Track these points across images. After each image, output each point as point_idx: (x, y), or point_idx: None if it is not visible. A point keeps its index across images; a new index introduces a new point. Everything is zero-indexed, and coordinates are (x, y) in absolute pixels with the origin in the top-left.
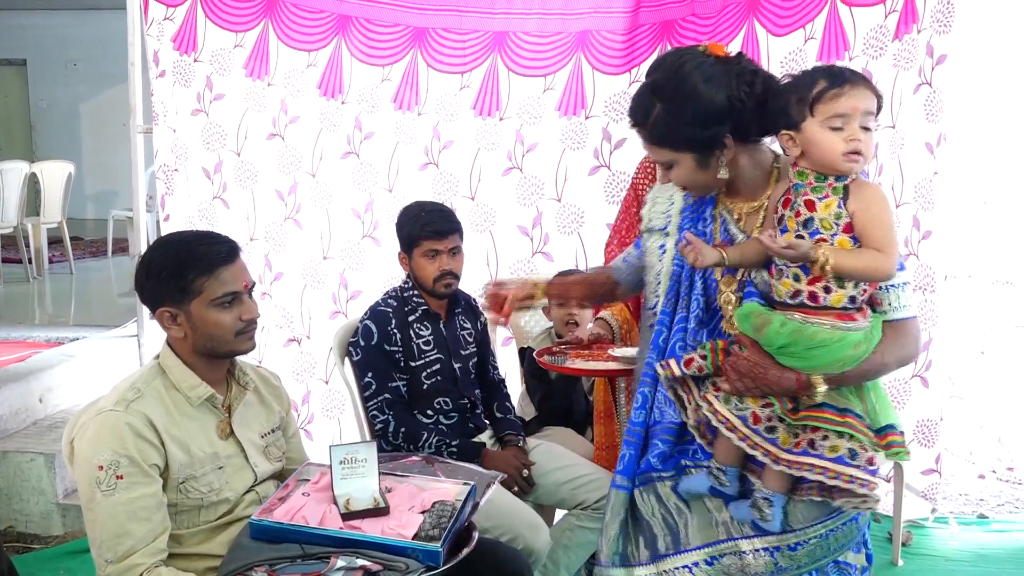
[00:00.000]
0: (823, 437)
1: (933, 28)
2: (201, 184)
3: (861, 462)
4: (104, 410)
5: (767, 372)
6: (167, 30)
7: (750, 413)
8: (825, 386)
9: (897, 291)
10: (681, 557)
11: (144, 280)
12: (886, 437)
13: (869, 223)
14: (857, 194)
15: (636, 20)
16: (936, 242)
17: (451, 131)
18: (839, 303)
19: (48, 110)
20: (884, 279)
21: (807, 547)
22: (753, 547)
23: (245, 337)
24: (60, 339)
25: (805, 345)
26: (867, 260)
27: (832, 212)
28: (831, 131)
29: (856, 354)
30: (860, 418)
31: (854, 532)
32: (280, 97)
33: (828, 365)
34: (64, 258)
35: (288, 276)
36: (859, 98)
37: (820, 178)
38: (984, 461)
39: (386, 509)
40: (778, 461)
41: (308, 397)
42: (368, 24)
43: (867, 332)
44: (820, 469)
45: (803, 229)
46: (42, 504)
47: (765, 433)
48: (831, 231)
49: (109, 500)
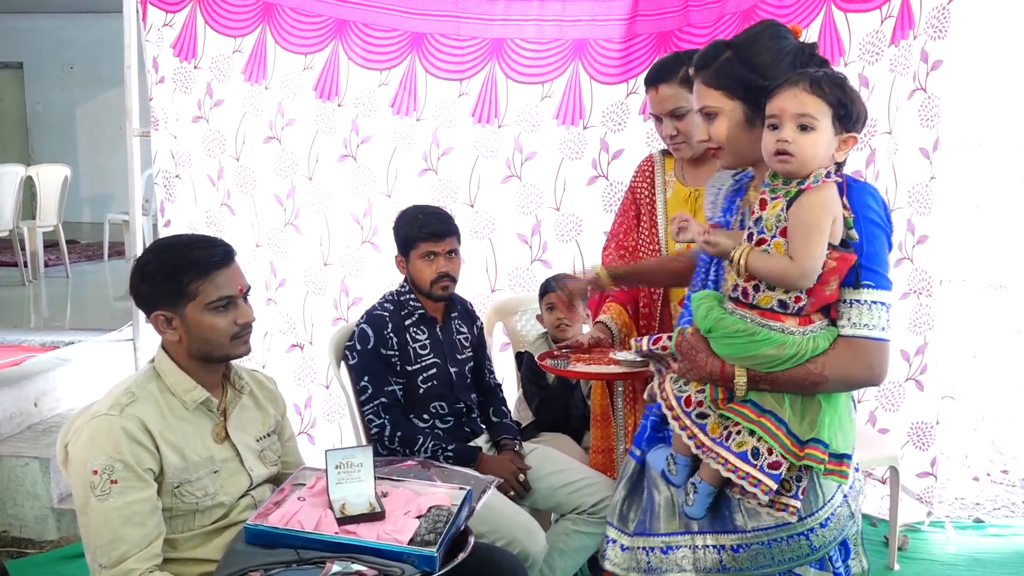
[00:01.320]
0: (739, 431)
1: (928, 34)
2: (208, 191)
3: (761, 462)
4: (99, 414)
5: (698, 355)
6: (166, 36)
7: (686, 395)
8: (744, 379)
9: (860, 307)
10: (643, 539)
11: (139, 283)
12: (806, 448)
13: (792, 230)
14: (800, 199)
15: (633, 29)
16: (932, 247)
17: (450, 138)
18: (766, 304)
19: (44, 113)
20: (793, 287)
21: (748, 551)
22: (704, 543)
23: (240, 341)
24: (55, 343)
25: (722, 332)
26: (775, 265)
27: (775, 215)
28: (769, 130)
29: (778, 356)
30: (781, 423)
31: (804, 549)
32: (277, 100)
33: (746, 359)
34: (60, 262)
35: (291, 282)
36: (788, 100)
37: (785, 181)
38: (979, 464)
39: (382, 514)
40: (700, 446)
41: (309, 402)
42: (366, 29)
43: (800, 338)
44: (722, 460)
45: (754, 226)
46: (37, 509)
47: (695, 417)
48: (771, 232)
49: (103, 505)
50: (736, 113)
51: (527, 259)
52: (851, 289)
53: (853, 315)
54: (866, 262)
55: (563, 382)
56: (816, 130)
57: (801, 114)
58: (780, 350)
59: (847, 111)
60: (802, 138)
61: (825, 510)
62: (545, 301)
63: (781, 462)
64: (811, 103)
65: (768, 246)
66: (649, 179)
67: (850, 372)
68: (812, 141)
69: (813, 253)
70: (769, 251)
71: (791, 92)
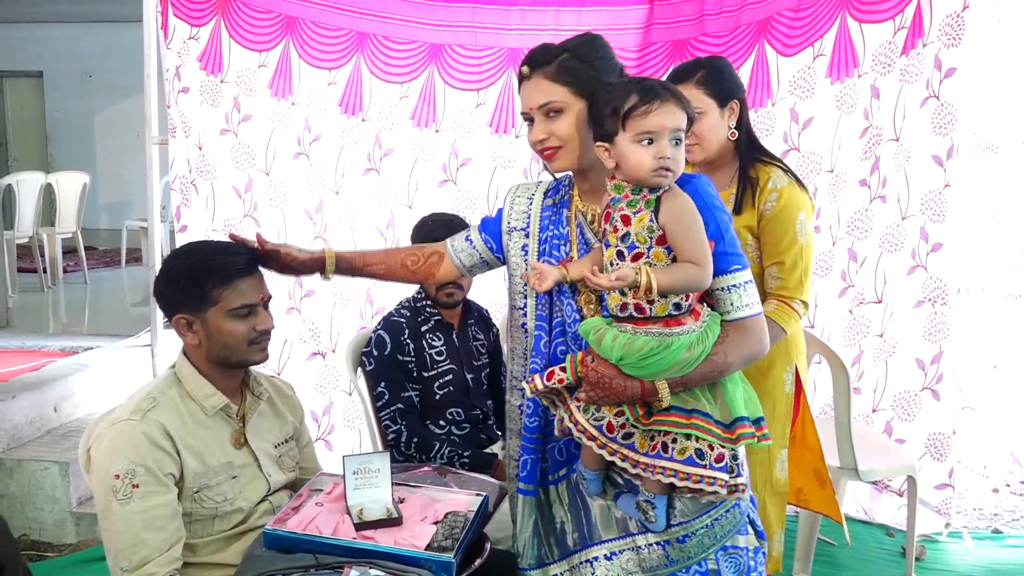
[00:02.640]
0: (674, 440)
1: (941, 42)
2: (232, 202)
3: (708, 461)
4: (120, 419)
5: (613, 382)
6: (192, 49)
7: (605, 422)
8: (668, 390)
9: (738, 291)
10: (586, 552)
11: (163, 287)
12: (736, 431)
13: (680, 236)
14: (667, 205)
15: (648, 38)
16: (948, 254)
17: (468, 148)
18: (664, 312)
19: (63, 121)
20: (701, 288)
21: (695, 538)
22: (647, 542)
23: (258, 348)
24: (74, 348)
25: (637, 356)
26: (684, 275)
27: (645, 226)
28: (640, 146)
29: (691, 357)
30: (707, 417)
31: (737, 518)
32: (304, 115)
33: (665, 371)
34: (78, 268)
35: (320, 293)
36: (667, 116)
37: (636, 190)
38: (998, 475)
39: (399, 519)
40: (636, 464)
41: (330, 408)
42: (386, 41)
43: (700, 334)
44: (672, 471)
45: (622, 244)
46: (56, 512)
47: (621, 440)
48: (646, 244)
49: (125, 509)
50: (579, 108)
51: None
52: (724, 276)
53: (735, 299)
54: (728, 248)
55: None
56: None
57: (677, 129)
58: (691, 351)
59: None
60: (677, 151)
61: (744, 474)
62: None
63: (724, 453)
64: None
65: (648, 257)
66: None
67: (748, 350)
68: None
69: (705, 250)
70: (651, 262)
71: (669, 109)
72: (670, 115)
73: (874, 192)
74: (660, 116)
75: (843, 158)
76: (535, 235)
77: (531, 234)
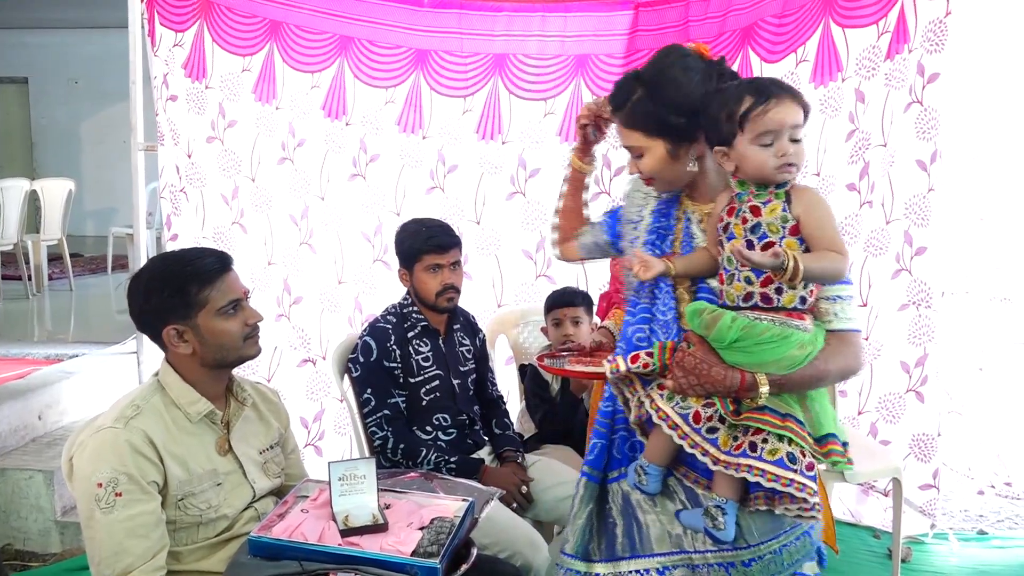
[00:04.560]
0: (764, 440)
1: (924, 47)
2: (220, 209)
3: (800, 467)
4: (103, 427)
5: (712, 370)
6: (177, 56)
7: (692, 412)
8: (768, 387)
9: (844, 303)
10: (635, 561)
11: (143, 303)
12: (827, 445)
13: (818, 226)
14: (799, 198)
15: (634, 44)
16: (932, 258)
17: (455, 155)
18: (791, 303)
19: (49, 127)
20: (844, 277)
21: (761, 563)
22: (706, 561)
23: (252, 341)
24: (59, 356)
25: (754, 340)
26: (829, 261)
27: (778, 216)
28: (761, 148)
29: (801, 355)
30: (801, 424)
31: (808, 546)
32: (288, 120)
33: (774, 363)
34: (64, 275)
35: (307, 300)
36: (785, 112)
37: (760, 186)
38: (983, 477)
39: (385, 525)
40: (716, 462)
41: (320, 415)
42: (370, 46)
43: (812, 335)
44: (759, 471)
45: (751, 234)
46: (40, 522)
47: (705, 433)
48: (778, 234)
49: (108, 517)
50: (659, 149)
51: (532, 275)
52: (832, 285)
53: (838, 310)
54: None
55: (567, 395)
56: (799, 138)
57: (795, 125)
58: (802, 349)
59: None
60: (797, 148)
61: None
62: (552, 317)
63: (814, 463)
64: (800, 114)
65: (779, 246)
66: None
67: (846, 364)
68: (802, 148)
69: (842, 240)
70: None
71: (786, 106)
72: (787, 112)
73: (863, 197)
74: (778, 114)
75: (829, 161)
76: (644, 228)
77: (641, 227)
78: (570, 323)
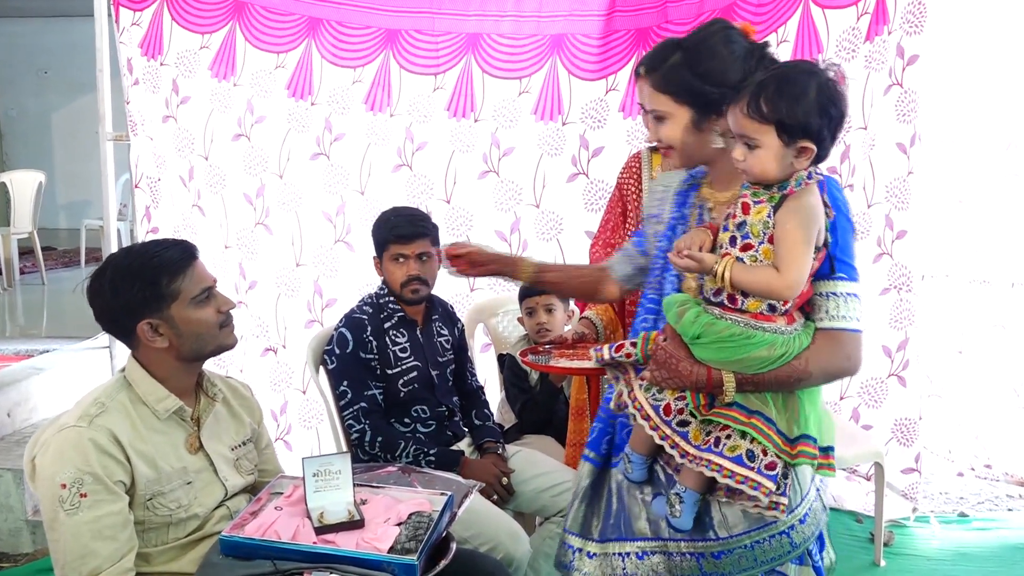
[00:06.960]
0: (728, 436)
1: (904, 29)
2: (180, 193)
3: (758, 464)
4: (66, 426)
5: (679, 364)
6: (135, 36)
7: (664, 404)
8: (734, 385)
9: (837, 300)
10: (619, 544)
11: (111, 299)
12: (797, 447)
13: (779, 239)
14: (785, 206)
15: (611, 25)
16: (912, 241)
17: (425, 132)
18: (756, 309)
19: (18, 119)
20: (779, 298)
21: (731, 556)
22: (679, 550)
23: (228, 330)
24: (30, 351)
25: (713, 338)
26: (761, 277)
27: (761, 220)
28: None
29: (769, 356)
30: (770, 423)
31: (785, 547)
32: (246, 97)
33: (737, 362)
34: (36, 269)
35: (262, 284)
36: (732, 119)
37: (765, 185)
38: (963, 459)
39: (361, 522)
40: (684, 455)
41: (285, 408)
42: (339, 27)
43: (788, 337)
44: (716, 466)
45: (737, 231)
46: (11, 521)
47: (676, 425)
48: (759, 239)
49: (73, 519)
50: (684, 116)
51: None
52: (826, 281)
53: (830, 308)
54: (840, 254)
55: (546, 384)
56: (761, 147)
57: (742, 134)
58: (771, 350)
59: (793, 125)
60: (751, 156)
61: (803, 505)
62: (525, 305)
63: (776, 462)
64: (748, 124)
65: (756, 251)
66: (636, 175)
67: (832, 364)
68: (758, 159)
69: (799, 265)
70: (757, 256)
71: (733, 112)
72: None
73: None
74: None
75: None
76: (666, 221)
77: (663, 220)
78: (543, 311)
